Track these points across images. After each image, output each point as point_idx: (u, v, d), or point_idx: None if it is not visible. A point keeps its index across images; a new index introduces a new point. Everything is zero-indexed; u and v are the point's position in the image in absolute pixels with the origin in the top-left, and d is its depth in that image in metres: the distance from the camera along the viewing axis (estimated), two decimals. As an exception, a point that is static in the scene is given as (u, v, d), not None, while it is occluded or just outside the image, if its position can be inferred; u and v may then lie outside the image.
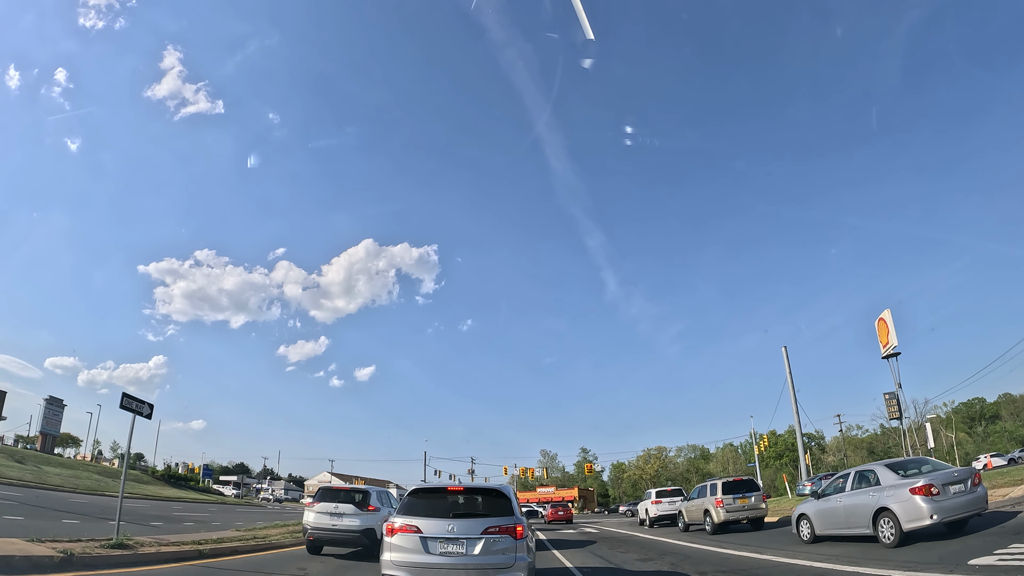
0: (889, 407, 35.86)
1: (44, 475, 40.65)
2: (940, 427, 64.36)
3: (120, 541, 10.27)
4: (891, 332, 33.21)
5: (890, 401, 35.62)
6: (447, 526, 6.67)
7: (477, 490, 8.05)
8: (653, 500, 27.34)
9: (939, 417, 67.27)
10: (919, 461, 11.51)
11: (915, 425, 48.37)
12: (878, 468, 11.17)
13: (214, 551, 11.68)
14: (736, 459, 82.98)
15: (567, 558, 13.52)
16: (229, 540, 13.38)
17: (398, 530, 6.77)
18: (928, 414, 60.14)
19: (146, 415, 11.52)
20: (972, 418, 77.27)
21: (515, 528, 6.70)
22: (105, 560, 9.16)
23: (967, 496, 9.75)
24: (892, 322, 33.43)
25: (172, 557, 10.50)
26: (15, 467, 40.46)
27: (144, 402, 11.55)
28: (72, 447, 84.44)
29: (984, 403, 77.67)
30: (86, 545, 9.64)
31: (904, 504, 9.74)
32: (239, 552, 12.47)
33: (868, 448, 72.96)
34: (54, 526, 12.82)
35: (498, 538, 6.60)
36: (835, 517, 11.64)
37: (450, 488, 7.72)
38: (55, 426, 69.66)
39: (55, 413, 69.66)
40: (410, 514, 6.90)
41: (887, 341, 33.56)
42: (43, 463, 48.25)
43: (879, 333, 34.52)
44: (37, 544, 9.06)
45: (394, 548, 6.73)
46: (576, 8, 33.66)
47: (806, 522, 12.53)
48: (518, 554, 6.63)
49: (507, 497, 7.22)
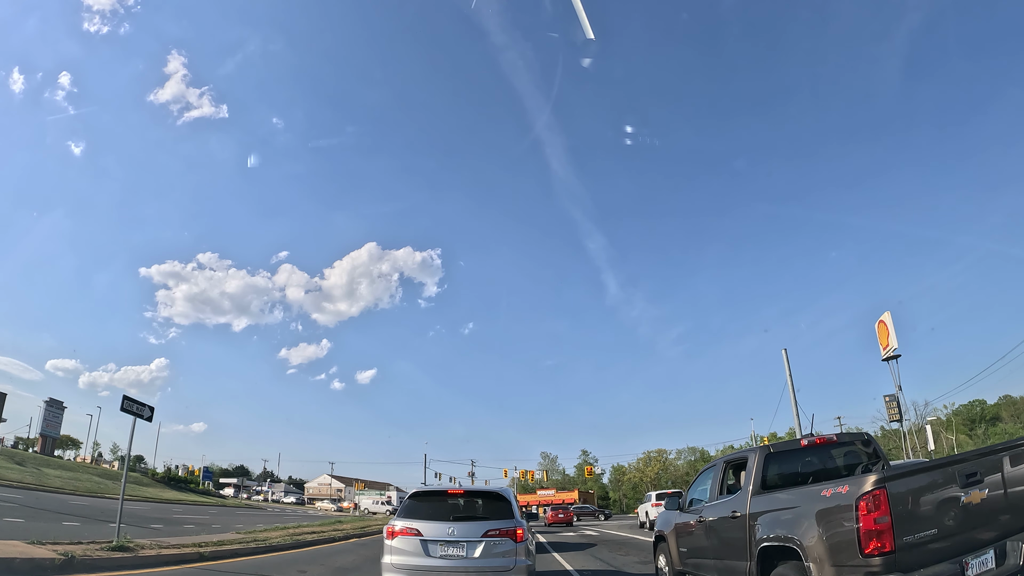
0: (889, 409, 35.92)
1: (44, 477, 40.67)
2: (940, 429, 64.32)
3: (121, 543, 10.30)
4: (891, 334, 33.27)
5: (890, 403, 35.68)
6: (447, 529, 6.69)
7: (477, 493, 8.08)
8: (653, 503, 27.37)
9: (939, 419, 67.26)
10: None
11: (915, 427, 48.43)
12: (878, 471, 11.12)
13: (215, 553, 11.68)
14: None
15: (567, 561, 13.53)
16: (229, 543, 13.38)
17: (398, 533, 6.79)
18: (928, 416, 60.24)
19: (147, 418, 11.54)
20: (972, 420, 77.17)
21: (515, 531, 6.73)
22: (106, 562, 9.17)
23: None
24: (892, 324, 33.50)
25: (172, 560, 10.50)
26: (15, 469, 40.46)
27: (145, 405, 11.57)
28: (72, 449, 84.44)
29: (985, 405, 77.57)
30: (87, 547, 9.65)
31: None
32: (240, 555, 12.48)
33: (868, 450, 72.79)
34: (54, 528, 12.85)
35: (498, 541, 6.63)
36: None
37: (450, 491, 7.75)
38: (55, 428, 69.62)
39: (55, 415, 69.61)
40: (410, 517, 6.92)
41: (887, 343, 33.61)
42: (43, 465, 48.27)
43: (879, 335, 34.57)
44: (38, 546, 9.08)
45: (394, 551, 6.76)
46: (576, 8, 33.72)
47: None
48: (518, 557, 6.66)
49: (507, 500, 7.24)
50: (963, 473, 4.34)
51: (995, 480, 4.39)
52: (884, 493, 4.05)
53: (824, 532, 4.44)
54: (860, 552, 4.06)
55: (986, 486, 4.35)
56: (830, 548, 4.35)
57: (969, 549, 4.18)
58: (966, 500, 4.27)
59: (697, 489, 7.61)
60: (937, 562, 4.07)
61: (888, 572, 3.95)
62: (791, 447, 6.41)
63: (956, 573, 4.07)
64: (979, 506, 4.30)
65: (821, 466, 6.25)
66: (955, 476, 4.33)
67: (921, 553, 4.05)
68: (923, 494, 4.24)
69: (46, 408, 68.44)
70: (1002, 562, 4.22)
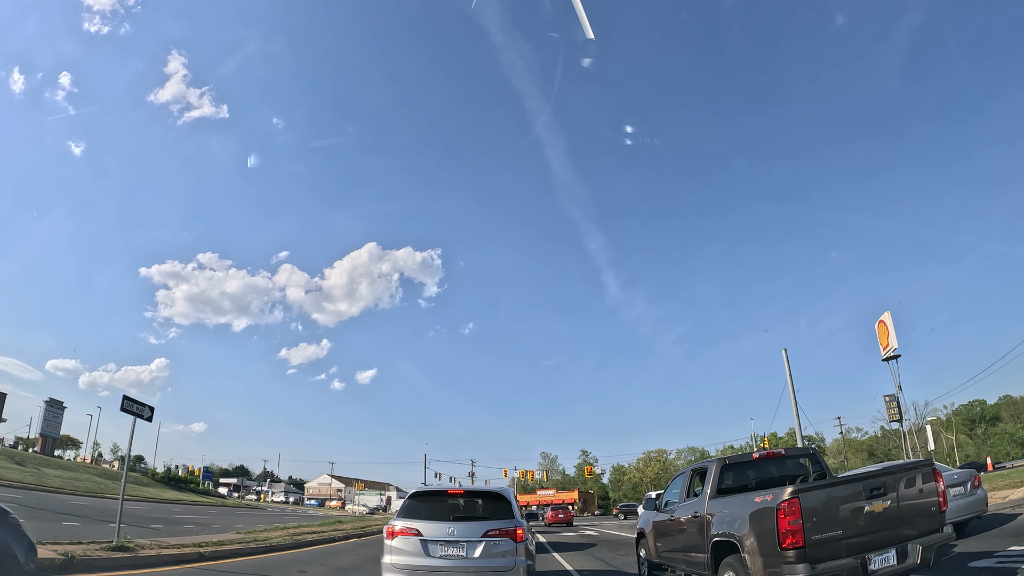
0: (889, 409, 35.91)
1: (44, 477, 40.65)
2: (940, 429, 64.34)
3: (121, 543, 10.30)
4: (891, 334, 33.25)
5: (890, 403, 35.67)
6: (447, 529, 6.70)
7: (477, 493, 8.09)
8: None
9: (939, 419, 67.27)
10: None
11: (915, 427, 48.40)
12: (878, 471, 11.15)
13: (215, 553, 11.69)
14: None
15: (567, 561, 13.54)
16: (229, 543, 13.38)
17: (398, 533, 6.80)
18: (928, 416, 60.19)
19: (147, 418, 11.55)
20: (972, 420, 77.16)
21: (515, 531, 6.73)
22: (106, 562, 9.17)
23: (967, 499, 9.77)
24: (892, 324, 33.47)
25: (172, 559, 10.51)
26: (15, 469, 40.44)
27: (145, 405, 11.58)
28: (72, 449, 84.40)
29: (984, 405, 77.55)
30: (87, 547, 9.65)
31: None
32: (240, 555, 12.48)
33: (868, 450, 72.86)
34: (54, 528, 12.83)
35: (498, 541, 6.63)
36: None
37: (450, 491, 7.76)
38: (55, 428, 69.60)
39: (55, 415, 69.59)
40: (411, 517, 6.93)
41: (887, 343, 33.59)
42: (43, 465, 48.25)
43: (879, 335, 34.56)
44: (38, 546, 9.03)
45: (394, 551, 6.76)
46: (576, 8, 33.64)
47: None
48: (518, 557, 6.66)
49: (507, 500, 7.25)
50: (868, 487, 5.37)
51: (895, 494, 5.42)
52: (798, 502, 5.10)
53: (755, 530, 5.51)
54: (779, 547, 5.13)
55: (888, 498, 5.36)
56: (759, 543, 5.44)
57: (872, 548, 5.18)
58: (870, 509, 5.28)
59: (670, 492, 8.60)
60: (842, 557, 5.09)
61: (799, 562, 5.03)
62: (744, 459, 7.45)
63: (858, 567, 5.05)
64: (881, 514, 5.28)
65: (769, 476, 7.25)
66: (862, 489, 5.36)
67: (828, 549, 5.11)
68: (832, 503, 5.27)
69: (46, 408, 68.42)
70: (903, 560, 5.21)
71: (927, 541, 5.35)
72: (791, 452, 7.73)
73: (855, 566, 5.06)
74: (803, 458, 7.66)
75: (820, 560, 5.05)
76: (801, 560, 5.02)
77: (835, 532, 5.18)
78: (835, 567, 5.04)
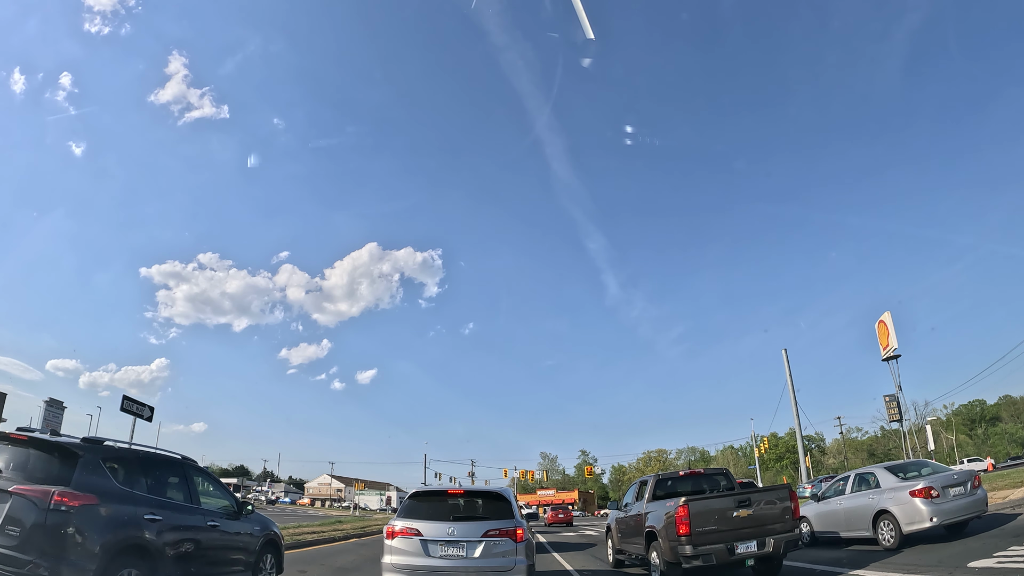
0: (889, 409, 35.94)
1: (44, 477, 40.57)
2: (940, 429, 64.40)
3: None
4: (891, 335, 33.27)
5: (890, 403, 35.70)
6: (447, 529, 6.70)
7: (477, 493, 8.09)
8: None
9: (939, 419, 67.30)
10: (919, 464, 11.52)
11: (915, 427, 48.46)
12: (878, 471, 11.19)
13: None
14: (737, 461, 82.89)
15: (567, 561, 13.54)
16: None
17: (398, 533, 6.80)
18: (928, 416, 60.30)
19: (147, 418, 11.58)
20: (972, 420, 77.21)
21: (515, 531, 6.73)
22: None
23: (967, 499, 9.77)
24: (892, 324, 33.50)
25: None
26: (15, 469, 40.39)
27: (145, 405, 11.61)
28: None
29: (984, 405, 77.60)
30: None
31: (904, 507, 9.77)
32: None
33: (868, 450, 72.92)
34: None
35: (498, 541, 6.63)
36: (835, 519, 11.65)
37: (450, 491, 7.75)
38: (55, 428, 69.67)
39: (55, 415, 69.32)
40: (410, 517, 6.93)
41: (887, 343, 33.61)
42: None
43: (879, 335, 34.57)
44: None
45: (394, 551, 6.76)
46: (576, 8, 33.68)
47: (806, 524, 12.54)
48: (518, 557, 6.66)
49: (507, 500, 7.25)
50: (737, 500, 8.14)
51: (758, 505, 8.15)
52: (687, 508, 8.02)
53: (665, 524, 8.42)
54: (676, 534, 8.05)
55: (752, 508, 8.09)
56: (667, 532, 8.34)
57: (739, 539, 7.94)
58: (737, 514, 8.02)
59: (628, 495, 11.58)
60: (716, 544, 7.88)
61: (686, 545, 7.91)
62: (674, 475, 10.63)
63: (725, 550, 7.85)
64: (747, 518, 8.03)
65: (692, 488, 10.15)
66: (733, 502, 8.12)
67: (708, 537, 7.91)
68: (711, 509, 8.08)
69: (46, 408, 68.13)
70: (761, 548, 7.95)
71: (779, 537, 7.99)
72: (709, 471, 11.04)
73: (723, 549, 7.84)
74: (719, 475, 10.65)
75: (702, 544, 7.83)
76: (689, 544, 7.86)
77: (712, 527, 7.92)
78: (711, 549, 7.84)
